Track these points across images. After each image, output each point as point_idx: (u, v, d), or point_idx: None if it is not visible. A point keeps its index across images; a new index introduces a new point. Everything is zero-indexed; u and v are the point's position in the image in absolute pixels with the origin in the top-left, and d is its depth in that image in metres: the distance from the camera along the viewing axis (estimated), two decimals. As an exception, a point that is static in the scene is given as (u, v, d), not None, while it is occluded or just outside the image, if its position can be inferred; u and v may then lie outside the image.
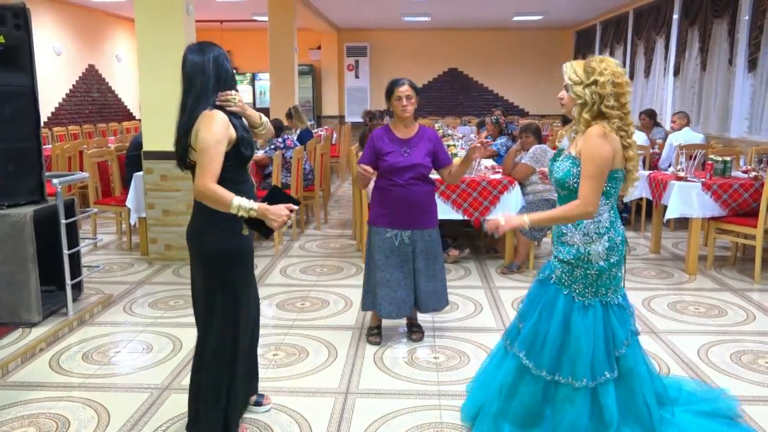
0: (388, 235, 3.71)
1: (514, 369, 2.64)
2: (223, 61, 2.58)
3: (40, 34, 10.44)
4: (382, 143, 3.71)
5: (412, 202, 3.68)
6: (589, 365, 2.48)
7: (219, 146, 2.44)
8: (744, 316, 4.45)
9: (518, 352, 2.62)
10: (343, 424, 2.98)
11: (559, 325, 2.54)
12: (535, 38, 15.99)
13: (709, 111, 9.00)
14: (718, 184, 5.31)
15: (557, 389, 2.55)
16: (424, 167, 3.70)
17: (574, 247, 2.53)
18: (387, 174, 3.69)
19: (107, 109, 13.52)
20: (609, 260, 2.51)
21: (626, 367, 2.55)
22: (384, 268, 3.72)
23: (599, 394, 2.50)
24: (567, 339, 2.52)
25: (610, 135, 2.42)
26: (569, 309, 2.53)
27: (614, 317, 2.55)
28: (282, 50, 10.68)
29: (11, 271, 3.98)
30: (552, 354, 2.53)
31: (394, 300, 3.74)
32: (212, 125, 2.45)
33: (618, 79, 2.42)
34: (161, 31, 5.38)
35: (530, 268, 5.49)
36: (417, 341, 3.93)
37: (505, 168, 5.65)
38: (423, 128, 3.81)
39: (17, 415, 3.05)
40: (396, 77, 3.79)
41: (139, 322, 4.30)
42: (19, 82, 4.04)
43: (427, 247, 3.76)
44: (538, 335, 2.57)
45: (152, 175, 5.55)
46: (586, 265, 2.51)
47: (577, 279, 2.54)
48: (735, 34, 8.18)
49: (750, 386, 3.38)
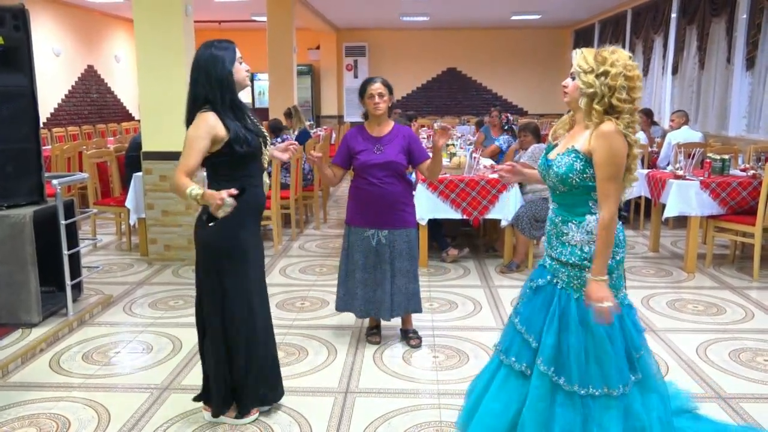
0: (365, 234, 3.69)
1: (544, 390, 2.35)
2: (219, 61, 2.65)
3: (39, 35, 10.44)
4: (355, 142, 3.69)
5: (387, 201, 3.64)
6: (618, 371, 2.30)
7: (198, 142, 2.58)
8: (743, 314, 4.46)
9: (546, 369, 2.34)
10: (343, 423, 2.99)
11: (579, 332, 2.32)
12: (533, 37, 16.00)
13: (708, 109, 9.01)
14: (717, 182, 5.32)
15: (595, 404, 2.31)
16: (398, 164, 3.65)
17: (577, 247, 2.35)
18: (361, 172, 3.67)
19: (106, 109, 13.52)
20: (615, 258, 2.34)
21: (643, 366, 2.40)
22: (363, 268, 3.71)
23: (627, 400, 2.33)
24: (589, 345, 2.31)
25: (622, 136, 2.24)
26: (584, 314, 2.32)
27: (627, 318, 2.38)
28: (281, 50, 10.68)
29: (11, 272, 3.98)
30: (579, 365, 2.31)
31: (372, 300, 3.73)
32: (197, 122, 2.61)
33: (629, 72, 2.25)
34: (160, 31, 5.39)
35: (529, 267, 5.50)
36: (416, 347, 3.86)
37: (504, 167, 5.64)
38: (398, 126, 3.75)
39: (17, 415, 3.06)
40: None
41: (139, 322, 4.31)
42: (18, 83, 4.04)
43: (401, 247, 3.70)
44: (561, 348, 2.34)
45: (151, 176, 5.55)
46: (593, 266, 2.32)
47: (586, 282, 2.32)
48: (733, 32, 8.19)
49: (749, 384, 3.39)
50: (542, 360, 2.36)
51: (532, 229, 5.25)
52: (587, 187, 2.33)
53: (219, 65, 2.64)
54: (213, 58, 2.64)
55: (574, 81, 2.34)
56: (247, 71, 2.76)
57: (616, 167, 2.25)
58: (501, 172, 2.75)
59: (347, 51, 16.29)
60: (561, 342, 2.34)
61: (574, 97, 2.36)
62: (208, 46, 2.70)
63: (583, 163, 2.31)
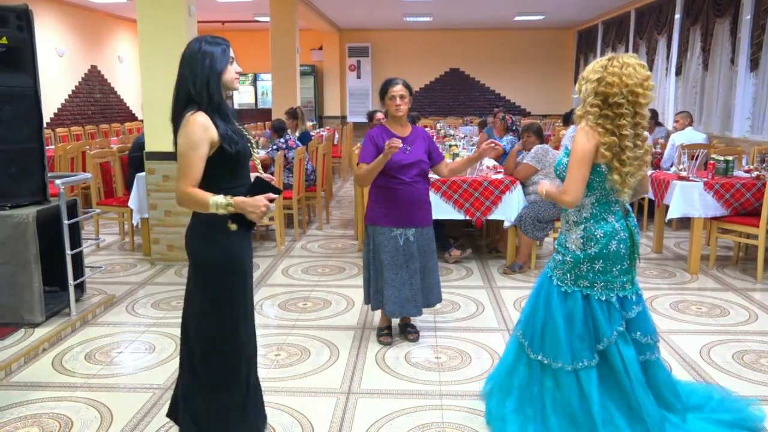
0: (393, 234, 3.72)
1: (514, 349, 2.83)
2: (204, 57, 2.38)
3: (43, 36, 10.48)
4: (382, 141, 3.69)
5: (416, 199, 3.73)
6: (568, 349, 2.60)
7: (196, 151, 2.32)
8: (746, 315, 4.45)
9: (516, 331, 2.84)
10: (345, 424, 2.99)
11: (543, 306, 2.71)
12: (536, 38, 15.99)
13: (711, 110, 8.99)
14: (721, 183, 5.30)
15: (543, 370, 2.69)
16: (425, 164, 3.77)
17: (561, 234, 2.75)
18: (391, 172, 3.67)
19: (109, 109, 13.55)
20: (585, 250, 2.61)
21: (614, 363, 2.59)
22: (390, 268, 3.72)
23: (582, 379, 2.59)
24: (548, 320, 2.68)
25: (593, 131, 2.51)
26: (551, 292, 2.69)
27: (599, 312, 2.61)
28: (284, 51, 10.69)
29: (14, 272, 3.99)
30: (538, 334, 2.70)
31: (398, 299, 3.75)
32: (190, 128, 2.33)
33: (609, 78, 2.47)
34: (163, 31, 5.39)
35: (532, 267, 5.49)
36: (414, 341, 3.92)
37: (507, 168, 5.65)
38: (415, 127, 3.88)
39: (20, 415, 3.06)
40: (397, 77, 3.80)
41: (142, 322, 4.31)
42: (21, 83, 4.05)
43: (426, 244, 3.81)
44: (531, 316, 2.76)
45: (154, 176, 5.56)
46: (564, 252, 2.68)
47: (558, 264, 2.70)
48: (737, 33, 8.17)
49: (752, 386, 3.38)
50: (518, 324, 2.86)
51: (535, 230, 5.24)
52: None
53: (207, 62, 2.36)
54: (201, 54, 2.37)
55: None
56: (239, 73, 2.48)
57: (573, 157, 2.54)
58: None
59: (350, 51, 16.30)
60: (532, 312, 2.76)
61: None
62: (199, 40, 2.42)
63: (567, 158, 2.60)
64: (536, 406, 2.70)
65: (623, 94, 2.45)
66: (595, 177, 2.56)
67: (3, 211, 3.98)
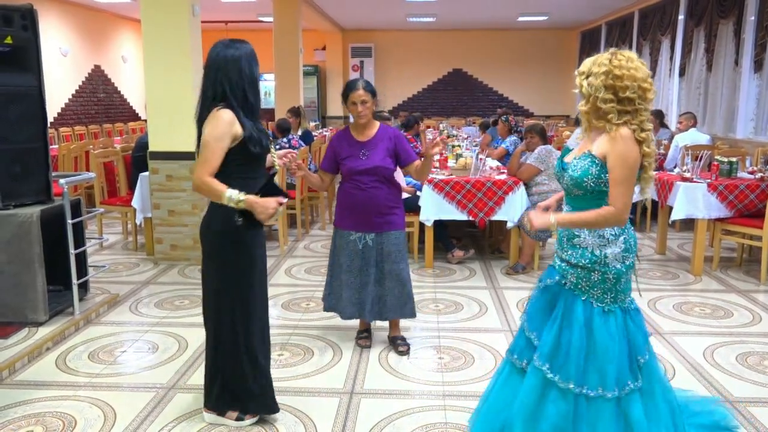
0: (351, 237, 3.67)
1: (536, 385, 2.40)
2: (240, 61, 2.62)
3: (47, 35, 10.46)
4: (340, 147, 3.65)
5: (375, 204, 3.60)
6: (615, 375, 2.33)
7: (219, 142, 2.55)
8: (750, 317, 4.44)
9: (541, 365, 2.40)
10: (348, 424, 2.99)
11: (581, 333, 2.37)
12: (540, 39, 15.98)
13: (715, 112, 8.98)
14: (724, 185, 5.29)
15: (588, 404, 2.35)
16: (385, 169, 3.59)
17: (588, 250, 2.39)
18: (348, 177, 3.64)
19: (113, 109, 13.58)
20: (625, 263, 2.39)
21: (647, 372, 2.43)
22: (348, 270, 3.69)
23: (624, 405, 2.35)
24: (591, 347, 2.35)
25: (634, 141, 2.29)
26: (589, 315, 2.38)
27: (631, 322, 2.42)
28: (287, 51, 10.70)
29: (18, 271, 3.99)
30: (578, 364, 2.35)
31: (357, 302, 3.70)
32: (216, 122, 2.56)
33: (617, 71, 2.26)
34: (167, 31, 5.40)
35: (535, 268, 5.48)
36: (404, 354, 3.78)
37: (510, 168, 5.65)
38: (384, 128, 3.68)
39: (24, 413, 3.07)
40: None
41: (145, 321, 4.32)
42: (26, 82, 4.06)
43: (390, 250, 3.67)
44: (560, 346, 2.38)
45: (158, 176, 5.57)
46: (604, 269, 2.37)
47: (595, 284, 2.39)
48: (741, 34, 8.16)
49: (756, 388, 3.37)
50: (538, 355, 2.41)
51: (538, 231, 5.23)
52: (602, 192, 2.36)
53: (251, 66, 2.64)
54: (244, 57, 2.62)
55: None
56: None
57: (627, 170, 2.28)
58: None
59: (353, 52, 16.29)
60: (561, 340, 2.38)
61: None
62: (230, 45, 2.64)
63: (598, 168, 2.34)
64: None
65: (634, 89, 2.27)
66: None
67: (7, 210, 3.99)
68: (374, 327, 4.05)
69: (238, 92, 2.61)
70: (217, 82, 2.61)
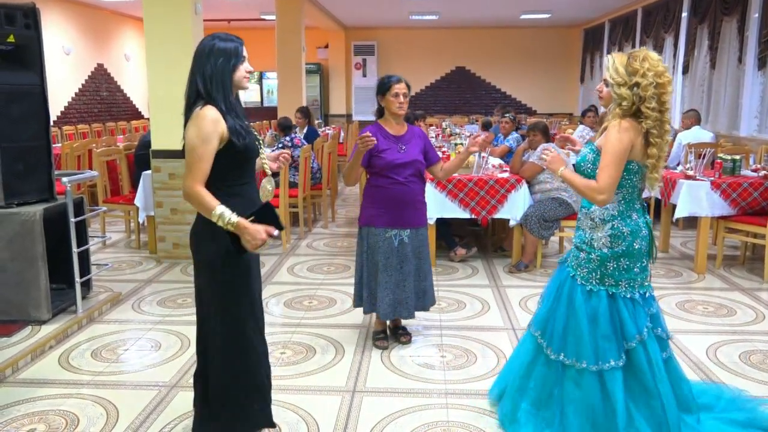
0: (388, 235, 3.66)
1: (531, 349, 2.78)
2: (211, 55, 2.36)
3: (50, 34, 10.50)
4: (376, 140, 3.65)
5: (411, 200, 3.67)
6: (592, 349, 2.56)
7: (207, 145, 2.29)
8: (753, 315, 4.43)
9: (534, 331, 2.77)
10: (350, 422, 2.99)
11: (565, 305, 2.65)
12: (543, 36, 15.94)
13: (719, 109, 8.95)
14: (728, 182, 5.28)
15: (565, 371, 2.64)
16: (421, 164, 3.70)
17: (582, 232, 2.67)
18: (385, 171, 3.62)
19: (116, 107, 13.59)
20: (613, 248, 2.57)
21: (638, 362, 2.55)
22: (384, 270, 3.66)
23: (606, 380, 2.55)
24: (571, 320, 2.63)
25: (631, 128, 2.46)
26: (573, 291, 2.64)
27: (625, 310, 2.58)
28: (290, 49, 10.69)
29: (21, 269, 4.00)
30: (558, 334, 2.65)
31: (392, 301, 3.69)
32: (200, 122, 2.30)
33: (660, 79, 2.43)
34: (170, 30, 5.40)
35: (538, 266, 5.48)
36: (407, 344, 3.86)
37: (513, 166, 5.64)
38: (411, 126, 3.80)
39: (27, 411, 3.08)
40: (404, 75, 3.74)
41: (148, 320, 4.32)
42: (29, 81, 4.06)
43: (420, 246, 3.74)
44: (550, 315, 2.70)
45: (160, 174, 5.57)
46: (589, 250, 2.62)
47: (582, 263, 2.64)
48: (745, 31, 8.12)
49: (759, 386, 3.36)
50: (534, 322, 2.81)
51: (541, 229, 5.23)
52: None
53: (220, 59, 2.36)
54: (213, 51, 2.36)
55: (608, 89, 2.56)
56: (249, 72, 2.46)
57: (610, 156, 2.46)
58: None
59: (356, 50, 16.28)
60: (551, 311, 2.71)
61: (607, 102, 2.62)
62: (213, 37, 2.42)
63: (594, 155, 2.57)
64: (555, 409, 2.66)
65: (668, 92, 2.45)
66: (626, 175, 2.52)
67: (10, 208, 4.00)
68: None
69: (210, 89, 2.35)
70: (194, 76, 2.38)
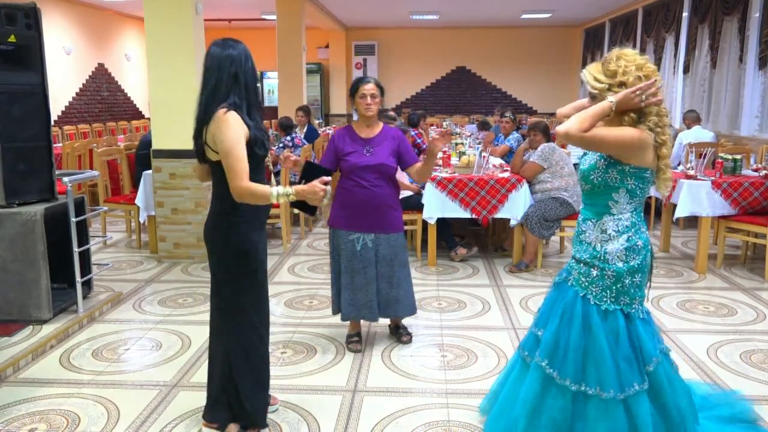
0: (350, 238, 3.61)
1: (538, 380, 2.44)
2: (242, 60, 2.58)
3: (51, 33, 10.51)
4: (342, 143, 3.61)
5: (376, 204, 3.57)
6: (615, 375, 2.32)
7: (240, 143, 2.50)
8: (754, 315, 4.43)
9: (540, 361, 2.43)
10: (351, 421, 2.99)
11: (580, 329, 2.37)
12: (543, 36, 15.94)
13: (719, 109, 8.94)
14: (728, 182, 5.28)
15: (587, 402, 2.36)
16: (389, 167, 3.59)
17: (591, 245, 2.41)
18: (349, 174, 3.57)
19: (117, 107, 13.59)
20: (628, 262, 2.35)
21: (659, 383, 2.39)
22: (346, 272, 3.63)
23: (632, 406, 2.33)
24: (589, 344, 2.36)
25: (644, 133, 2.29)
26: (587, 312, 2.38)
27: (642, 329, 2.38)
28: (290, 49, 10.70)
29: (22, 269, 4.01)
30: (576, 362, 2.36)
31: (354, 303, 3.66)
32: (228, 128, 2.48)
33: (644, 71, 2.29)
34: (170, 29, 5.40)
35: (538, 266, 5.48)
36: (407, 343, 3.85)
37: (514, 166, 5.63)
38: (387, 128, 3.68)
39: (28, 411, 3.08)
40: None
41: (149, 319, 4.33)
42: (30, 81, 4.07)
43: (391, 252, 3.64)
44: (559, 341, 2.41)
45: (161, 174, 5.57)
46: (603, 265, 2.37)
47: (594, 280, 2.38)
48: (745, 31, 8.12)
49: (760, 386, 3.36)
50: (539, 352, 2.46)
51: (541, 229, 5.23)
52: (608, 187, 2.37)
53: (249, 65, 2.60)
54: (244, 58, 2.58)
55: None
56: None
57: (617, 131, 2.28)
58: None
59: (356, 49, 16.28)
60: (560, 336, 2.41)
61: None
62: (228, 45, 2.59)
63: (606, 163, 2.35)
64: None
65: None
66: (640, 184, 2.35)
67: (11, 208, 4.00)
68: (376, 325, 4.05)
69: (243, 92, 2.56)
70: (222, 82, 2.55)
